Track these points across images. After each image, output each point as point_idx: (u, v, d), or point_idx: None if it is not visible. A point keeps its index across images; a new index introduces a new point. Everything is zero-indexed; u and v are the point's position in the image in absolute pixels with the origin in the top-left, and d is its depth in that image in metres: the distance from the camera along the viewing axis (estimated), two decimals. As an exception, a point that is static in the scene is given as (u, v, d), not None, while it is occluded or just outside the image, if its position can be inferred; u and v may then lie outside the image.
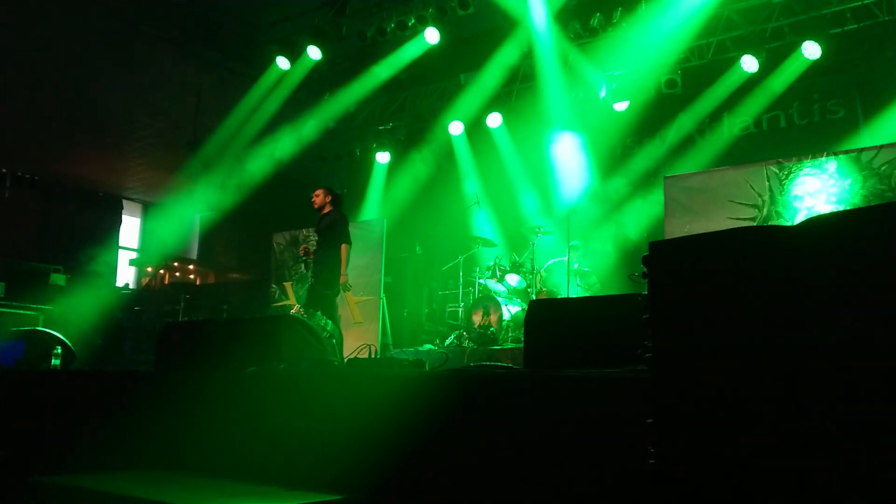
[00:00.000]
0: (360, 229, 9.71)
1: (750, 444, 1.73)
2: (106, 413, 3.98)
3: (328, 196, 7.17)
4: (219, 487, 3.00)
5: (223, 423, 3.49)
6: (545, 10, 8.98)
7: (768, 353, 1.75)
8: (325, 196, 7.16)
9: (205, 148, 10.95)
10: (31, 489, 3.09)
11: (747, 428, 1.75)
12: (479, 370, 3.07)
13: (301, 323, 4.29)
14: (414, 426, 2.84)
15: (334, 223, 6.98)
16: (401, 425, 2.86)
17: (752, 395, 1.76)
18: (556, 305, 4.29)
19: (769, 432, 1.71)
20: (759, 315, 1.79)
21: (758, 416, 1.74)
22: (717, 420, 1.81)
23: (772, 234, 1.85)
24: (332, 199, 7.17)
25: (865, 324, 1.61)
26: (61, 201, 13.71)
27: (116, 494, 2.79)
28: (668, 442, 1.88)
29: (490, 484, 2.63)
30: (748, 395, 1.77)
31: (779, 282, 1.76)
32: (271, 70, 10.02)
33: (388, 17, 8.92)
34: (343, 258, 6.82)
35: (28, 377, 4.90)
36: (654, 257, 2.02)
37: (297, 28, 9.47)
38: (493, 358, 6.87)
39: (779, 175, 7.16)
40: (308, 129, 11.13)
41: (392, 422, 2.90)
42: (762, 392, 1.74)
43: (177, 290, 11.10)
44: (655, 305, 1.99)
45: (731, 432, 1.78)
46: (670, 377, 1.93)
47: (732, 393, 1.80)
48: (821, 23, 7.93)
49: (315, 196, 7.21)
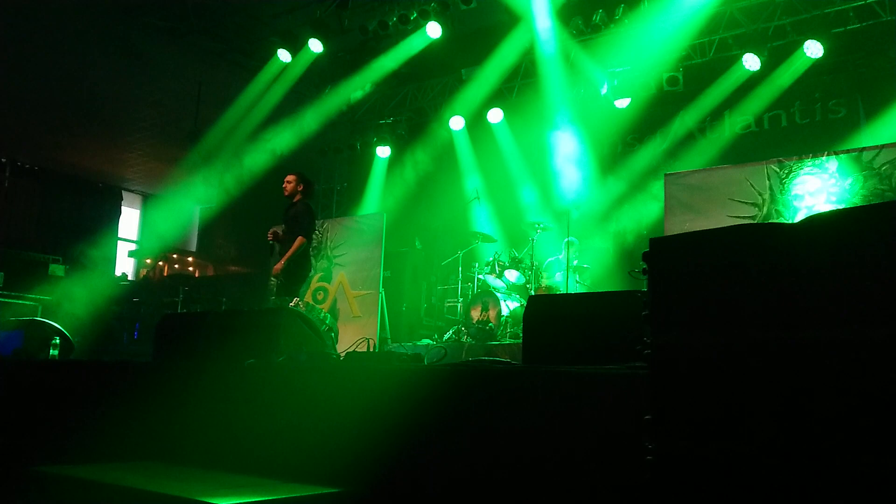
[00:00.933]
0: (360, 223, 9.71)
1: (749, 442, 1.74)
2: (104, 403, 3.98)
3: (300, 185, 6.77)
4: (216, 479, 3.00)
5: (221, 414, 3.49)
6: (548, 6, 8.96)
7: (767, 351, 1.75)
8: (297, 184, 6.75)
9: (205, 140, 10.93)
10: (29, 478, 3.09)
11: (746, 426, 1.76)
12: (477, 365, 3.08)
13: (300, 316, 4.30)
14: (411, 420, 2.84)
15: (299, 214, 6.63)
16: (398, 419, 2.87)
17: (751, 392, 1.76)
18: (555, 301, 4.29)
19: (768, 430, 1.71)
20: (758, 312, 1.79)
21: (757, 413, 1.74)
22: (716, 417, 1.81)
23: (772, 231, 1.85)
24: (303, 187, 6.78)
25: (865, 321, 1.61)
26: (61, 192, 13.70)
27: (114, 485, 2.79)
28: (666, 439, 1.88)
29: (487, 479, 2.63)
30: (747, 392, 1.77)
31: (778, 279, 1.76)
32: (272, 62, 10.00)
33: (391, 10, 8.91)
34: (293, 249, 6.41)
35: (26, 367, 4.91)
36: (654, 254, 2.02)
37: (299, 21, 9.44)
38: (492, 353, 6.87)
39: (779, 174, 7.15)
40: (308, 123, 11.11)
41: (390, 416, 2.90)
42: (761, 389, 1.75)
43: (176, 282, 11.10)
44: (655, 302, 1.99)
45: (729, 430, 1.78)
46: (669, 374, 1.93)
47: (731, 390, 1.80)
48: (823, 22, 7.91)
49: (287, 182, 6.80)
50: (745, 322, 1.81)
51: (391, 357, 3.53)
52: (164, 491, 2.64)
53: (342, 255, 9.57)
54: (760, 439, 1.72)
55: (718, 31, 8.61)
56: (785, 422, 1.69)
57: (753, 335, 1.78)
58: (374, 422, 2.92)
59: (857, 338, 1.61)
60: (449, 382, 2.90)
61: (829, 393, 1.64)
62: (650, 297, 2.00)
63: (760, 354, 1.76)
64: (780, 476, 1.67)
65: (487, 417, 2.70)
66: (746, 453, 1.73)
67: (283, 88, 10.44)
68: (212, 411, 3.53)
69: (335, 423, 3.05)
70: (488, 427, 2.68)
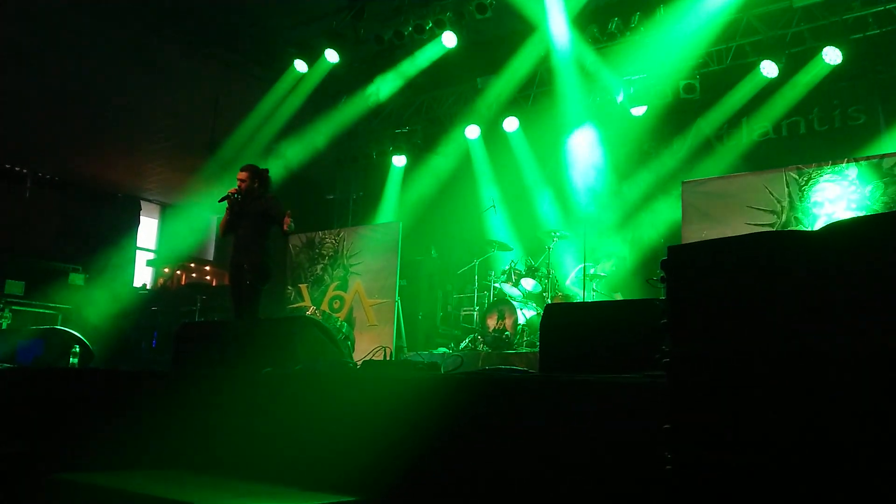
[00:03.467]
0: (376, 232, 9.73)
1: (769, 453, 1.71)
2: (123, 412, 4.01)
3: (256, 180, 6.29)
4: (234, 487, 3.01)
5: (238, 423, 3.50)
6: (563, 14, 8.97)
7: (788, 360, 1.73)
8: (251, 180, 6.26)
9: (222, 150, 11.02)
10: (49, 486, 3.12)
11: (765, 436, 1.73)
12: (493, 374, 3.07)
13: (316, 324, 4.31)
14: (428, 429, 2.83)
15: (271, 208, 6.17)
16: (415, 428, 2.86)
17: (770, 402, 1.74)
18: (572, 310, 4.28)
19: (788, 440, 1.69)
20: (778, 321, 1.77)
21: (776, 424, 1.72)
22: (735, 427, 1.79)
23: (793, 239, 1.83)
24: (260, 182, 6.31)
25: (888, 330, 1.59)
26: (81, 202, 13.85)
27: (132, 493, 2.80)
28: (685, 448, 1.86)
29: (504, 487, 2.61)
30: (766, 402, 1.75)
31: (799, 287, 1.74)
32: (289, 73, 10.07)
33: (406, 20, 8.94)
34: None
35: (47, 375, 4.95)
36: (672, 261, 2.01)
37: (315, 32, 9.51)
38: (508, 362, 6.85)
39: (798, 181, 7.09)
40: (324, 132, 11.17)
41: (406, 424, 2.89)
42: (781, 400, 1.72)
43: (193, 291, 11.17)
44: (674, 310, 1.98)
45: (748, 440, 1.76)
46: (688, 383, 1.91)
47: (751, 400, 1.78)
48: (842, 28, 7.85)
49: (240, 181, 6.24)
50: (765, 331, 1.79)
51: (408, 366, 3.52)
52: (182, 499, 2.64)
53: (358, 263, 9.59)
54: (780, 450, 1.69)
55: (735, 38, 8.56)
56: (805, 432, 1.66)
57: (773, 344, 1.76)
58: (390, 430, 2.91)
59: (880, 347, 1.59)
60: (465, 391, 2.89)
61: (851, 403, 1.61)
62: (668, 305, 1.99)
63: (780, 363, 1.74)
64: (800, 487, 1.65)
65: (504, 426, 2.69)
66: (766, 464, 1.71)
67: (299, 98, 10.51)
68: (229, 419, 3.54)
69: (352, 431, 3.05)
70: (505, 435, 2.66)
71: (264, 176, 6.41)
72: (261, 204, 6.25)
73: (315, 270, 9.84)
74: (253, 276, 6.16)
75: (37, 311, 9.48)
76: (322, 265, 9.81)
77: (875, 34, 7.79)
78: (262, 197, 6.31)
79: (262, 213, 6.20)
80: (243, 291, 6.22)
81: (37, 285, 9.76)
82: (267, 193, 6.38)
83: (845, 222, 1.76)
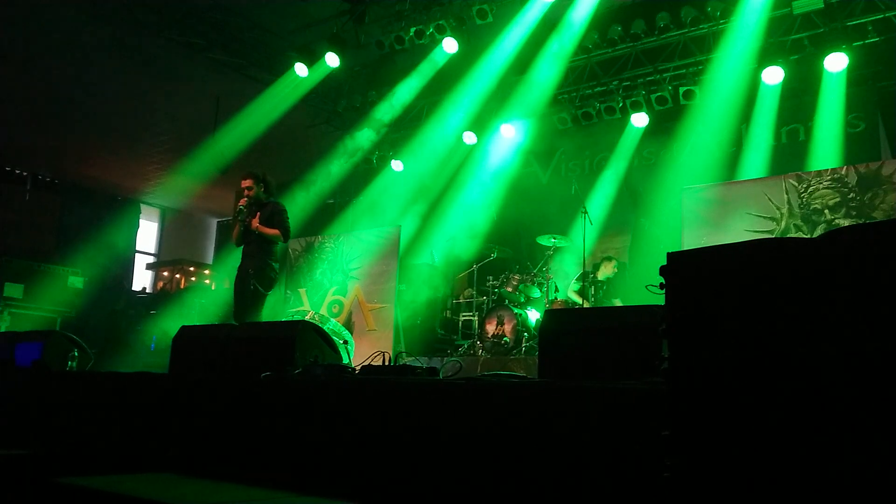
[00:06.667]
0: (375, 237, 9.72)
1: (767, 459, 1.71)
2: (122, 415, 4.00)
3: (262, 185, 6.36)
4: (231, 491, 3.00)
5: (237, 427, 3.50)
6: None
7: (787, 367, 1.73)
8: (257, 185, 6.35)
9: (222, 154, 11.02)
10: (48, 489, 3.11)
11: (765, 443, 1.73)
12: (492, 379, 3.06)
13: (315, 329, 4.29)
14: (427, 434, 2.83)
15: (276, 214, 6.26)
16: (414, 433, 2.86)
17: (770, 408, 1.74)
18: (571, 315, 4.27)
19: (787, 447, 1.69)
20: (778, 328, 1.76)
21: (776, 430, 1.71)
22: (735, 434, 1.79)
23: (793, 246, 1.83)
24: (266, 187, 6.38)
25: (888, 336, 1.58)
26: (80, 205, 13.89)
27: (129, 496, 2.79)
28: (685, 455, 1.85)
29: (503, 493, 2.61)
30: (766, 408, 1.74)
31: (799, 294, 1.74)
32: (288, 76, 10.07)
33: (407, 25, 8.95)
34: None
35: (46, 378, 4.94)
36: (672, 268, 2.01)
37: (316, 36, 9.52)
38: (507, 367, 6.83)
39: (798, 188, 7.09)
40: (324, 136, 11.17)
41: (405, 429, 2.89)
42: (781, 407, 1.72)
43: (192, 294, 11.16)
44: (673, 317, 1.97)
45: (748, 446, 1.75)
46: (687, 389, 1.91)
47: (750, 407, 1.77)
48: (842, 35, 7.85)
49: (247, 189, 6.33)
50: (764, 337, 1.79)
51: (407, 371, 3.52)
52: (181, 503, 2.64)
53: (357, 268, 9.58)
54: (781, 457, 1.69)
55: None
56: (805, 440, 1.66)
57: (773, 350, 1.76)
58: (389, 435, 2.91)
59: (881, 353, 1.59)
60: (464, 396, 2.88)
61: (852, 409, 1.61)
62: (668, 311, 1.98)
63: (780, 370, 1.74)
64: (802, 495, 1.64)
65: (503, 431, 2.68)
66: (766, 471, 1.70)
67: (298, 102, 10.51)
68: (228, 423, 3.54)
69: (351, 436, 3.05)
70: (504, 441, 2.66)
71: (266, 179, 6.49)
72: (266, 210, 6.35)
73: (314, 275, 9.84)
74: (257, 281, 6.19)
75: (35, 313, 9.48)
76: (321, 269, 9.80)
77: (874, 42, 7.81)
78: (268, 202, 6.42)
79: (268, 219, 6.29)
80: (247, 296, 6.25)
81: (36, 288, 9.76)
82: (272, 197, 6.49)
83: (846, 229, 1.76)
